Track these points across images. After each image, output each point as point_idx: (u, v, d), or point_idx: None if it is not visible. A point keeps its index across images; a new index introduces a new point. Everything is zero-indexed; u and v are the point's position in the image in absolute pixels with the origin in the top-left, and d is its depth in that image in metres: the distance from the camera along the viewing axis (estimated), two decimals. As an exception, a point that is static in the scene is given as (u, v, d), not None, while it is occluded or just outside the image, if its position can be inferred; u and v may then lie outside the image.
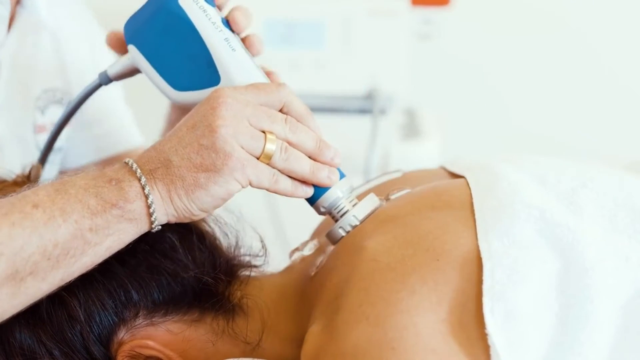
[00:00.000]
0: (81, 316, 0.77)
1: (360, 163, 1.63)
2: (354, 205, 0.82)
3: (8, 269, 0.68)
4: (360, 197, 0.83)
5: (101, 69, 1.14)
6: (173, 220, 0.76)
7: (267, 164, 0.76)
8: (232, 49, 0.81)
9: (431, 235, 0.75)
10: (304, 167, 0.78)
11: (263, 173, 0.76)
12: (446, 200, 0.81)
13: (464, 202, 0.79)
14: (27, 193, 0.72)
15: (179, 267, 0.81)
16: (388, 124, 1.72)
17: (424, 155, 1.71)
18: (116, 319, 0.79)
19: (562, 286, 0.72)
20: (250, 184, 0.75)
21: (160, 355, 0.80)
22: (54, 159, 1.11)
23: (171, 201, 0.74)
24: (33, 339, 0.77)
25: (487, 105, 2.16)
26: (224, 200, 0.75)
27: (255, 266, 0.89)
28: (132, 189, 0.73)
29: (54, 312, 0.77)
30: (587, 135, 2.21)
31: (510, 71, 2.28)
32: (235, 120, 0.74)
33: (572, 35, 2.26)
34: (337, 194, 0.81)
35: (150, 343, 0.80)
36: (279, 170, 0.77)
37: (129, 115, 1.24)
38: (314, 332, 0.75)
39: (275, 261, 0.91)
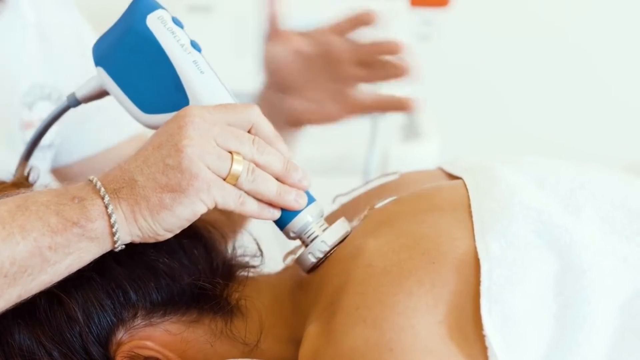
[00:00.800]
0: (80, 317, 0.77)
1: (360, 164, 1.63)
2: (324, 230, 0.81)
3: None
4: (333, 219, 0.82)
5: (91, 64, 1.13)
6: (137, 240, 0.74)
7: (234, 185, 0.75)
8: (201, 72, 0.80)
9: (427, 238, 0.75)
10: (270, 189, 0.77)
11: (229, 194, 0.74)
12: (442, 202, 0.81)
13: (461, 203, 0.79)
14: None
15: (177, 268, 0.81)
16: (388, 125, 1.72)
17: (423, 156, 1.70)
18: (115, 320, 0.79)
19: (560, 287, 0.72)
20: (216, 205, 0.74)
21: (159, 356, 0.80)
22: (44, 156, 1.10)
23: (135, 222, 0.73)
24: (32, 340, 0.77)
25: (487, 107, 2.16)
26: (189, 221, 0.74)
27: (252, 267, 0.89)
28: (95, 207, 0.72)
29: (53, 313, 0.77)
30: (586, 136, 2.21)
31: (510, 72, 2.28)
32: (202, 140, 0.73)
33: (571, 37, 2.26)
34: (306, 219, 0.80)
35: (149, 344, 0.80)
36: (245, 192, 0.76)
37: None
38: (312, 334, 0.75)
39: (272, 262, 0.91)
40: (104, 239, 0.72)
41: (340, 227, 0.82)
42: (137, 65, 0.81)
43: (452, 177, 0.89)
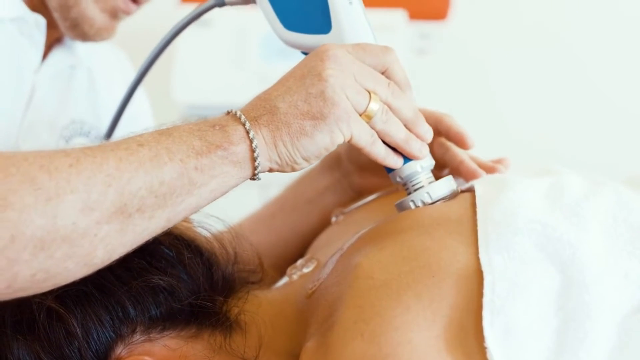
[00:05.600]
0: (79, 332, 0.77)
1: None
2: (429, 183, 0.82)
3: (116, 201, 0.67)
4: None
5: (135, 112, 1.15)
6: (275, 167, 0.76)
7: (367, 123, 0.77)
8: (350, 2, 0.82)
9: (428, 251, 0.75)
10: (400, 132, 0.79)
11: (364, 130, 0.76)
12: (446, 215, 0.80)
13: (465, 216, 0.79)
14: (131, 136, 0.72)
15: (176, 283, 0.81)
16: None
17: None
18: (113, 335, 0.79)
19: (562, 302, 0.71)
20: (351, 139, 0.76)
21: (158, 371, 0.80)
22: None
23: (275, 147, 0.74)
24: (31, 355, 0.77)
25: (485, 120, 2.16)
26: (327, 150, 0.76)
27: (252, 282, 0.89)
28: (237, 133, 0.73)
29: (52, 329, 0.77)
30: (586, 149, 2.21)
31: (508, 85, 2.29)
32: (344, 73, 0.75)
33: (569, 49, 2.26)
34: (416, 168, 0.82)
35: (148, 359, 0.79)
36: (376, 132, 0.78)
37: None
38: (309, 349, 0.75)
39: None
40: (245, 164, 0.74)
41: (447, 184, 0.83)
42: None
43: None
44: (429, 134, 0.81)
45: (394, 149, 0.81)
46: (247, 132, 0.73)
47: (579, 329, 0.70)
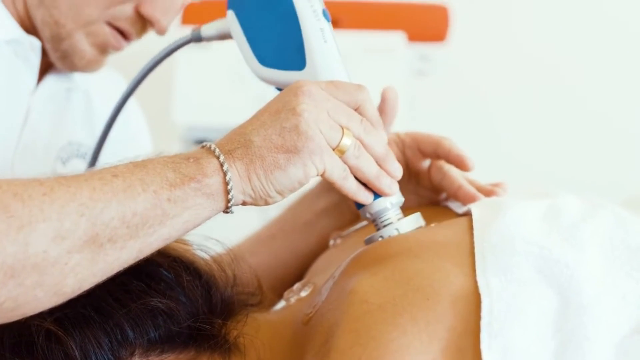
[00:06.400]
0: (77, 355, 0.77)
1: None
2: (398, 220, 0.83)
3: (88, 231, 0.68)
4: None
5: (133, 133, 1.17)
6: (249, 201, 0.76)
7: (339, 158, 0.77)
8: (324, 40, 0.83)
9: (421, 274, 0.75)
10: (371, 169, 0.80)
11: (337, 165, 0.77)
12: (441, 238, 0.81)
13: (462, 239, 0.79)
14: (106, 167, 0.72)
15: (175, 306, 0.81)
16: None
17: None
18: (112, 358, 0.78)
19: (560, 323, 0.72)
20: (324, 173, 0.77)
21: (156, 394, 0.80)
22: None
23: (249, 180, 0.75)
24: (30, 378, 0.77)
25: (484, 141, 2.16)
26: (300, 184, 0.76)
27: (251, 305, 0.89)
28: (210, 165, 0.74)
29: (50, 351, 0.76)
30: (585, 171, 2.21)
31: (507, 107, 2.29)
32: (317, 108, 0.76)
33: (567, 72, 2.27)
34: (385, 205, 0.83)
35: (146, 381, 0.79)
36: (348, 167, 0.78)
37: None
38: (307, 374, 0.75)
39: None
40: (219, 196, 0.74)
41: (414, 221, 0.84)
42: (266, 17, 0.84)
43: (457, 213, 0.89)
44: (398, 171, 0.82)
45: (364, 185, 0.81)
46: (221, 165, 0.74)
47: (577, 350, 0.70)
